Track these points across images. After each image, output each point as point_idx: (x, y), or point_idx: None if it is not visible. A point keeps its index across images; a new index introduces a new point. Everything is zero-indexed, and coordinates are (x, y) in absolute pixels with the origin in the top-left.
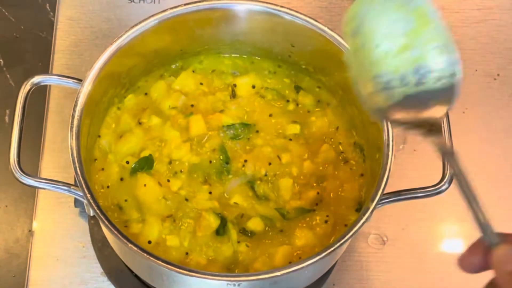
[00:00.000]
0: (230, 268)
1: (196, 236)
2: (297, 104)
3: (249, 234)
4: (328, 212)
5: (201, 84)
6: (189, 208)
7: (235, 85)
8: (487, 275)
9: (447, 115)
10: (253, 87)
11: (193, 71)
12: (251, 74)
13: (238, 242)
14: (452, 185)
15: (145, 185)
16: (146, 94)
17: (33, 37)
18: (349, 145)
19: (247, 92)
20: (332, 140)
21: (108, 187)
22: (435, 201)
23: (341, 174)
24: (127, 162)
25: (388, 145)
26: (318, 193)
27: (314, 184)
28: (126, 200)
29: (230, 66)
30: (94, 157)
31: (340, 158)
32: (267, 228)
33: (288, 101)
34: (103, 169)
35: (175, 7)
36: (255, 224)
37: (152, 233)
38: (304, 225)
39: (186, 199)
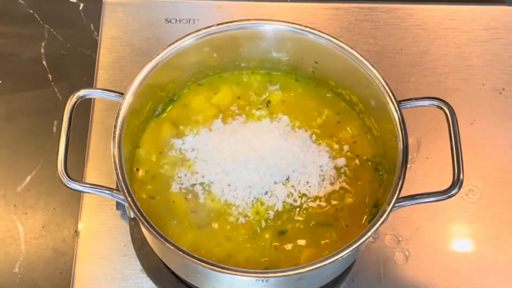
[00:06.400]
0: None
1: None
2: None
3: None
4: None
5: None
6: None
7: (269, 101)
8: (495, 276)
9: (457, 126)
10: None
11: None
12: (282, 90)
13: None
14: (461, 189)
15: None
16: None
17: (78, 54)
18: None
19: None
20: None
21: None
22: (446, 204)
23: (361, 183)
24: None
25: (403, 153)
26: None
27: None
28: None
29: (261, 83)
30: (135, 165)
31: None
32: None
33: None
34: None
35: (209, 27)
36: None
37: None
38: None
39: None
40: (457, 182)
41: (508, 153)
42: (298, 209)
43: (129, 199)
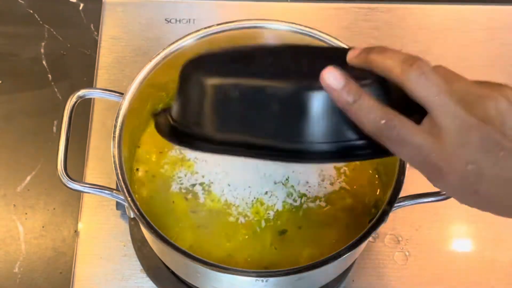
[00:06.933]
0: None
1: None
2: None
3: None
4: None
5: None
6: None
7: None
8: (495, 276)
9: None
10: None
11: None
12: None
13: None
14: None
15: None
16: None
17: (78, 54)
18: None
19: None
20: None
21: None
22: (446, 204)
23: (360, 183)
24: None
25: None
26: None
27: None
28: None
29: None
30: (135, 165)
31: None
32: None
33: None
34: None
35: (209, 27)
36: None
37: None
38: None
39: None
40: None
41: None
42: (298, 209)
43: (129, 199)
